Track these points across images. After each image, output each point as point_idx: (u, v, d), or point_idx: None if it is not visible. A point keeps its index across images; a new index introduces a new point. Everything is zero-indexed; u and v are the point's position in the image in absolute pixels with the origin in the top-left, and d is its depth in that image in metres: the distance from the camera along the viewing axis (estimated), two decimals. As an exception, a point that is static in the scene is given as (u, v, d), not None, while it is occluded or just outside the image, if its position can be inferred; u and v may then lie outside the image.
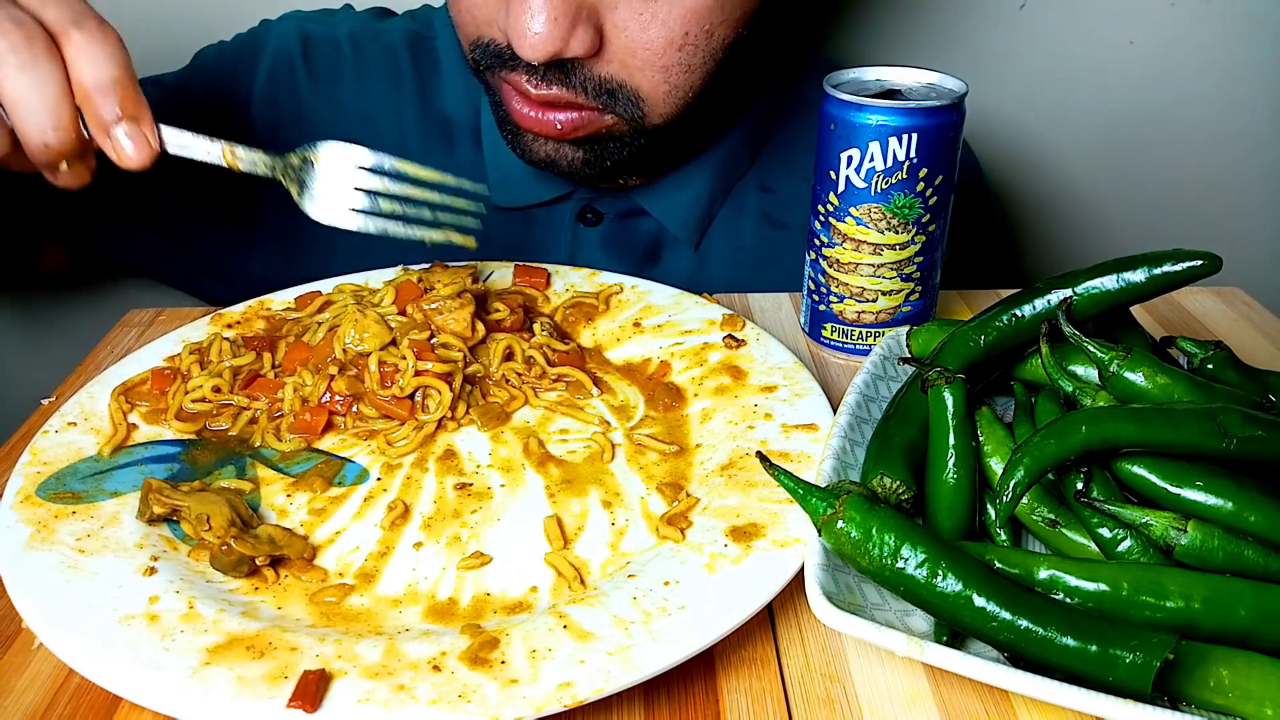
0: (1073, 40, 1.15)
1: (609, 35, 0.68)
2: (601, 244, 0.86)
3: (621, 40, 0.68)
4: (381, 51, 0.89)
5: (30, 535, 0.51)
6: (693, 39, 0.69)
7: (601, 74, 0.69)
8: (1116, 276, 0.54)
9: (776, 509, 0.53)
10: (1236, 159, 1.23)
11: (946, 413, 0.52)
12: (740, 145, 0.87)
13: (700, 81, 0.73)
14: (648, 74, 0.70)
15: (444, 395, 0.62)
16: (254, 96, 0.88)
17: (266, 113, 0.88)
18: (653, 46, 0.68)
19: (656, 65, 0.70)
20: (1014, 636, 0.42)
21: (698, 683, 0.47)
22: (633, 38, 0.68)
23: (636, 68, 0.69)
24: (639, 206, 0.86)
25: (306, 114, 0.88)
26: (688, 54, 0.70)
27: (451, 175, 0.64)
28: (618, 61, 0.69)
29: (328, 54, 0.89)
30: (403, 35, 0.90)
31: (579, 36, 0.67)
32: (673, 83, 0.71)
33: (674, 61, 0.70)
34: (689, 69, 0.71)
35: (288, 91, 0.88)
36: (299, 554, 0.52)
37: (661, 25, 0.68)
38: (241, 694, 0.42)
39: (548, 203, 0.87)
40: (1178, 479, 0.47)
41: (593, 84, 0.69)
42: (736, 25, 0.71)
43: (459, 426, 0.63)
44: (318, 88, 0.88)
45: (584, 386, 0.66)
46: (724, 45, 0.72)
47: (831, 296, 0.70)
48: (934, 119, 0.63)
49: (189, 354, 0.65)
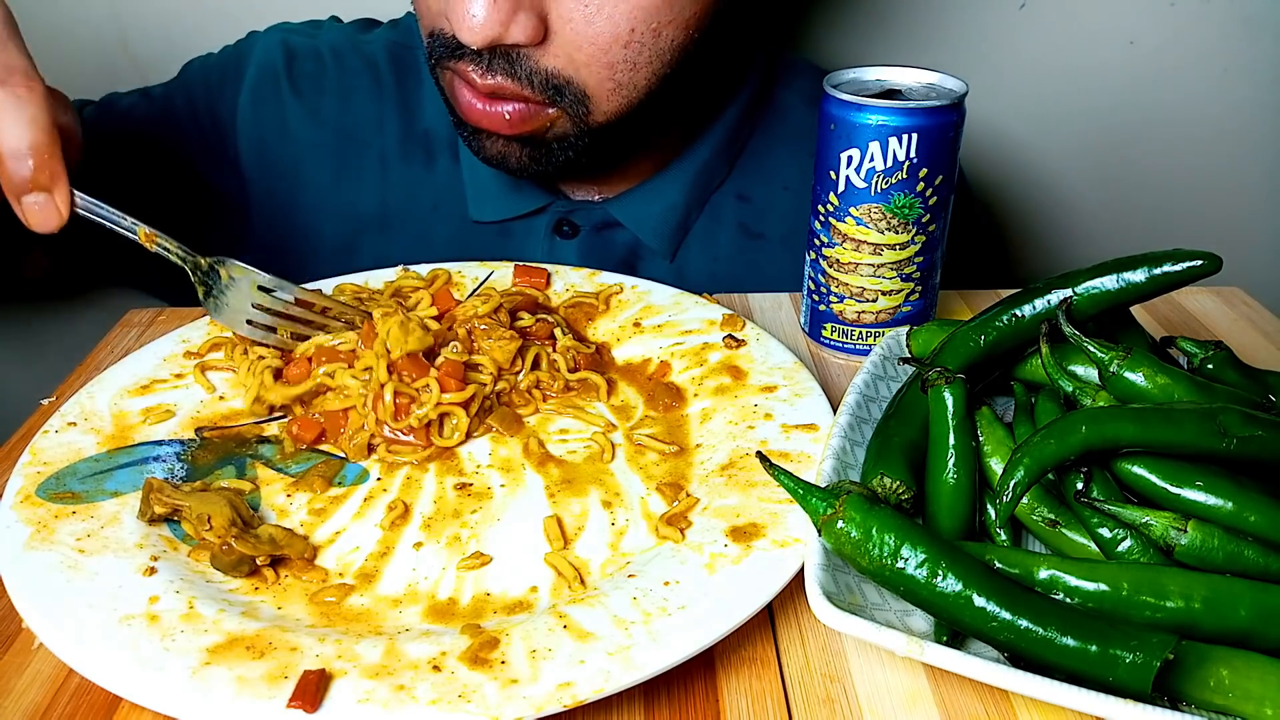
0: (1072, 40, 1.16)
1: (554, 26, 0.68)
2: (578, 256, 0.86)
3: (567, 33, 0.68)
4: (363, 64, 0.90)
5: (30, 535, 0.51)
6: (639, 36, 0.69)
7: (548, 67, 0.69)
8: (1116, 276, 0.54)
9: (776, 509, 0.53)
10: (1237, 158, 1.23)
11: (946, 413, 0.52)
12: (714, 154, 0.87)
13: (646, 82, 0.72)
14: (593, 69, 0.70)
15: (461, 421, 0.61)
16: (239, 110, 0.88)
17: (251, 127, 0.88)
18: (598, 41, 0.68)
19: (602, 61, 0.70)
20: (1014, 636, 0.42)
21: (698, 683, 0.47)
22: (578, 30, 0.68)
23: (582, 63, 0.69)
24: (614, 219, 0.86)
25: (290, 127, 0.88)
26: (633, 51, 0.70)
27: (332, 303, 0.67)
28: (564, 55, 0.69)
29: (310, 67, 0.89)
30: (384, 46, 0.90)
31: (520, 22, 0.67)
32: (618, 80, 0.71)
33: (619, 58, 0.70)
34: (634, 67, 0.71)
35: (272, 105, 0.89)
36: (300, 554, 0.52)
37: (607, 19, 0.68)
38: (241, 694, 0.42)
39: (523, 216, 0.87)
40: (1178, 479, 0.47)
41: (539, 77, 0.69)
42: (686, 27, 0.71)
43: (474, 438, 0.62)
44: (301, 101, 0.89)
45: (597, 389, 0.66)
46: (673, 46, 0.71)
47: (831, 296, 0.70)
48: (934, 119, 0.63)
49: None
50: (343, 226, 0.89)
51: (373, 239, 0.89)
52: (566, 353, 0.67)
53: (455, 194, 0.88)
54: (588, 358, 0.68)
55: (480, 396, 0.62)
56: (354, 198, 0.89)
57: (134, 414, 0.62)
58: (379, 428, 0.60)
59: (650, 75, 0.72)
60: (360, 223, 0.89)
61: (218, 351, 0.67)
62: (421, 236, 0.88)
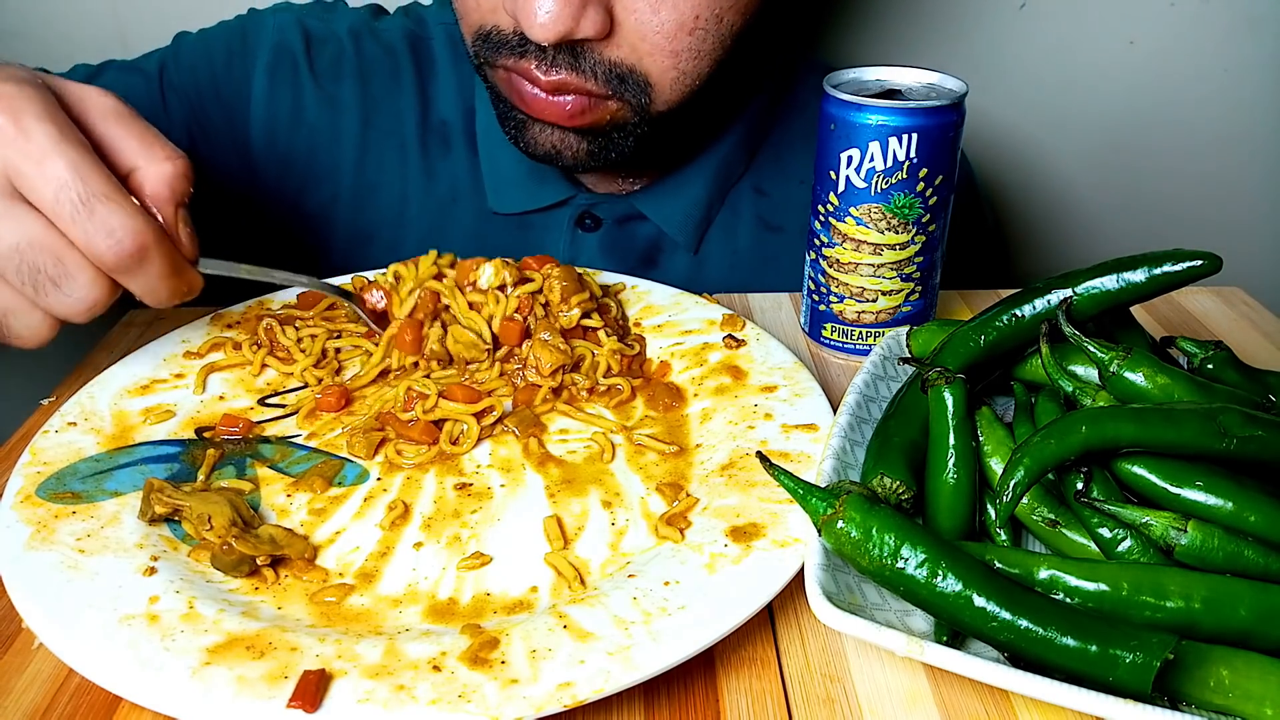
0: (1073, 40, 1.16)
1: (619, 17, 0.68)
2: (600, 249, 0.86)
3: (632, 22, 0.68)
4: (382, 50, 0.88)
5: (30, 535, 0.51)
6: (703, 23, 0.69)
7: (611, 58, 0.69)
8: (1116, 276, 0.54)
9: (776, 509, 0.53)
10: (1237, 159, 1.23)
11: (946, 413, 0.52)
12: (736, 148, 0.87)
13: (708, 68, 0.72)
14: (657, 59, 0.70)
15: (471, 429, 0.61)
16: (253, 89, 0.86)
17: (264, 107, 0.86)
18: (663, 30, 0.68)
19: (667, 50, 0.69)
20: (1014, 636, 0.42)
21: (698, 683, 0.47)
22: (643, 20, 0.68)
23: (646, 52, 0.69)
24: (637, 211, 0.86)
25: (306, 112, 0.87)
26: (698, 39, 0.70)
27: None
28: (628, 45, 0.69)
29: (331, 51, 0.88)
30: (402, 34, 0.89)
31: (589, 17, 0.66)
32: (681, 68, 0.71)
33: (684, 46, 0.69)
34: (698, 55, 0.70)
35: (288, 87, 0.87)
36: (300, 554, 0.52)
37: (672, 8, 0.67)
38: (241, 694, 0.42)
39: (545, 209, 0.86)
40: (1178, 479, 0.47)
41: (602, 68, 0.69)
42: (745, 12, 0.71)
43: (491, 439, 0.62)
44: (319, 85, 0.87)
45: (623, 394, 0.65)
46: (733, 32, 0.71)
47: (831, 296, 0.70)
48: (934, 119, 0.63)
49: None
50: (359, 216, 0.88)
51: (390, 230, 0.88)
52: (613, 355, 0.66)
53: (473, 185, 0.87)
54: (630, 359, 0.67)
55: (499, 408, 0.63)
56: (373, 187, 0.87)
57: (134, 414, 0.62)
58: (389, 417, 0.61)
59: (711, 62, 0.72)
60: (378, 213, 0.88)
61: (219, 352, 0.67)
62: (439, 228, 0.87)
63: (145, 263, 0.53)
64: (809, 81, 0.91)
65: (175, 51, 0.88)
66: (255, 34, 0.87)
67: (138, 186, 0.54)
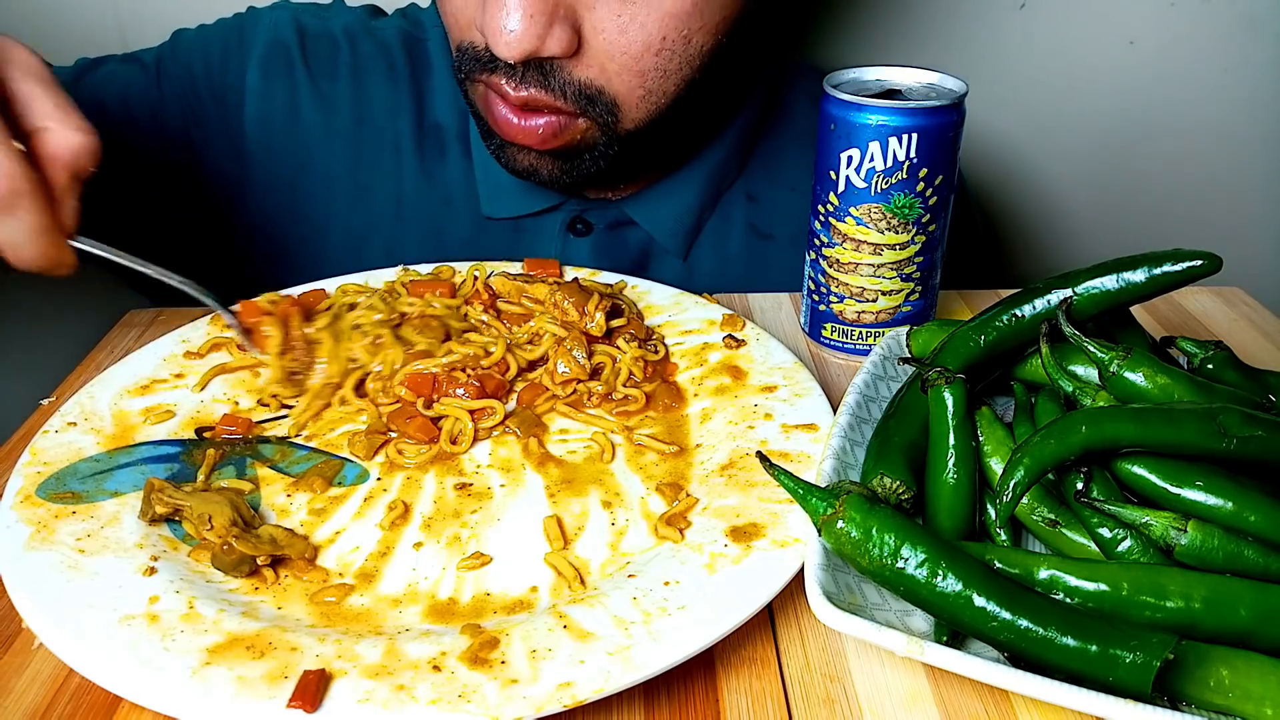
0: (1072, 40, 1.16)
1: (587, 36, 0.68)
2: (591, 254, 0.86)
3: (599, 42, 0.68)
4: (378, 50, 0.88)
5: (30, 535, 0.51)
6: (670, 44, 0.69)
7: (580, 77, 0.69)
8: (1116, 276, 0.54)
9: (776, 509, 0.53)
10: (1236, 158, 1.23)
11: (946, 413, 0.52)
12: (728, 155, 0.87)
13: (675, 89, 0.72)
14: (624, 78, 0.70)
15: (467, 430, 0.61)
16: (247, 83, 0.86)
17: (259, 103, 0.86)
18: (630, 50, 0.68)
19: (633, 70, 0.69)
20: (1014, 636, 0.42)
21: (698, 683, 0.47)
22: (610, 40, 0.68)
23: (614, 72, 0.69)
24: (628, 217, 0.86)
25: (301, 110, 0.87)
26: (664, 59, 0.70)
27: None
28: (596, 65, 0.69)
29: (325, 49, 0.87)
30: (398, 34, 0.89)
31: (555, 35, 0.66)
32: (648, 88, 0.71)
33: (650, 66, 0.70)
34: (665, 74, 0.71)
35: (283, 83, 0.86)
36: (300, 554, 0.52)
37: (640, 28, 0.68)
38: (241, 694, 0.42)
39: (537, 213, 0.86)
40: (1178, 479, 0.47)
41: (572, 88, 0.69)
42: (715, 33, 0.71)
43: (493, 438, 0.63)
44: (314, 83, 0.87)
45: (638, 403, 0.65)
46: (701, 52, 0.71)
47: (831, 296, 0.70)
48: (934, 119, 0.63)
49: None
50: (354, 218, 0.88)
51: (386, 232, 0.88)
52: (635, 362, 0.66)
53: (467, 189, 0.87)
54: (655, 366, 0.67)
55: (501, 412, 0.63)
56: (369, 188, 0.87)
57: (134, 414, 0.62)
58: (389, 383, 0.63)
59: (679, 82, 0.72)
60: (374, 215, 0.87)
61: (219, 353, 0.67)
62: (433, 232, 0.87)
63: (14, 210, 0.53)
64: (801, 87, 0.91)
65: (173, 46, 0.88)
66: (251, 30, 0.87)
67: (40, 144, 0.54)
